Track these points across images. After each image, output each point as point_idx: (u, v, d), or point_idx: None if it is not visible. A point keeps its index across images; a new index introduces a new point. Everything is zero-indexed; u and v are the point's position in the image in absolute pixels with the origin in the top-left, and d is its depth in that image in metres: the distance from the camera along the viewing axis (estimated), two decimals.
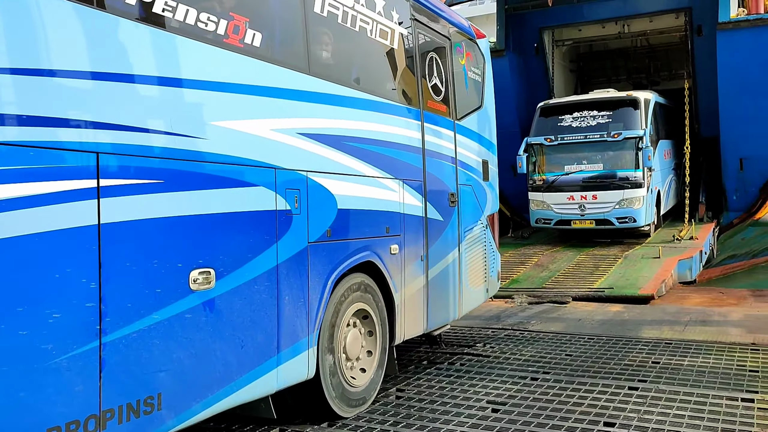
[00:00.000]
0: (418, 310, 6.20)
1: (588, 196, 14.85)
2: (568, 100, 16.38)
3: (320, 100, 4.97)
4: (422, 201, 6.21)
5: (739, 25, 14.37)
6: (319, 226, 4.85)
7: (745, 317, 8.75)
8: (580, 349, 7.41)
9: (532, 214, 15.80)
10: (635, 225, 14.67)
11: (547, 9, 16.40)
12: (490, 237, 7.91)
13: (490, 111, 8.17)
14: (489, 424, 5.11)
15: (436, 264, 6.51)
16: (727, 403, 5.38)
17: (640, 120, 14.69)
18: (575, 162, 15.17)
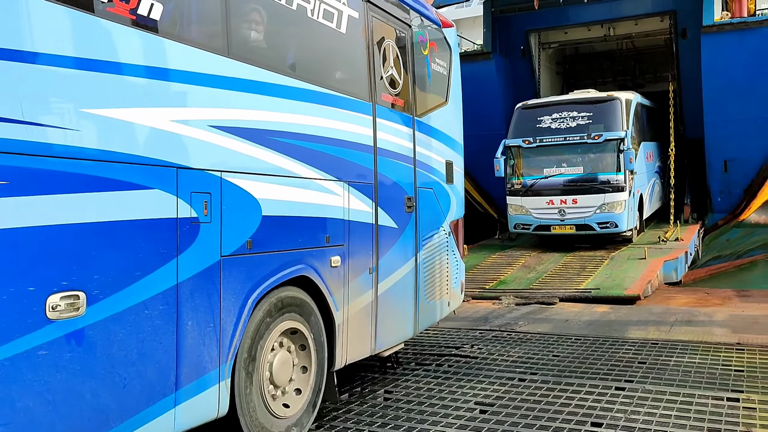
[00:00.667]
0: (364, 330, 5.54)
1: (568, 201, 14.35)
2: (547, 100, 15.88)
3: (243, 87, 4.20)
4: (372, 206, 5.56)
5: (723, 29, 14.52)
6: (237, 237, 4.09)
7: (730, 317, 8.82)
8: (568, 349, 7.43)
9: (510, 220, 15.30)
10: (617, 230, 14.20)
11: (533, 12, 16.48)
12: (454, 245, 7.34)
13: (457, 108, 7.57)
14: (477, 425, 5.11)
15: (388, 276, 5.84)
16: (713, 403, 5.42)
17: (621, 121, 14.29)
18: (555, 165, 14.68)
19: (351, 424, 5.22)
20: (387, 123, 5.89)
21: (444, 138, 7.14)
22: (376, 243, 5.66)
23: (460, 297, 7.68)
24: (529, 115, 15.19)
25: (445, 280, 7.09)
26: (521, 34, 18.04)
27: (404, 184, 6.17)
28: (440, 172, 6.99)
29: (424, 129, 6.59)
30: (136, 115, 3.46)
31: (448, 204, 7.20)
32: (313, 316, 4.94)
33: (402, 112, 6.19)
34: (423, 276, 6.51)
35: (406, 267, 6.18)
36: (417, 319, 6.41)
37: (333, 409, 5.62)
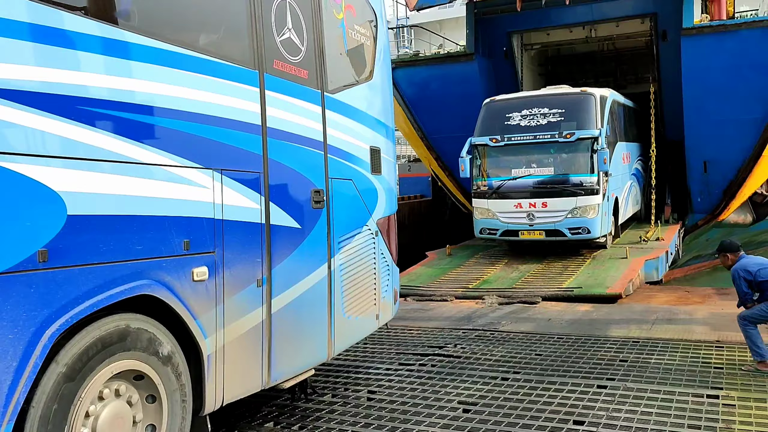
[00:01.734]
0: (252, 358, 4.49)
1: (537, 204, 13.25)
2: (516, 95, 14.81)
3: (33, 36, 3.08)
4: (261, 201, 4.55)
5: (702, 31, 14.68)
6: (19, 246, 2.97)
7: (709, 315, 8.92)
8: (550, 348, 7.47)
9: (476, 224, 14.16)
10: (589, 236, 13.14)
11: (516, 13, 16.55)
12: (384, 247, 6.41)
13: (385, 86, 6.66)
14: (460, 424, 5.12)
15: (289, 289, 4.84)
16: (693, 400, 5.47)
17: (595, 118, 13.24)
18: (523, 165, 13.57)
19: (334, 425, 5.21)
20: (283, 98, 4.85)
21: (367, 120, 6.15)
22: (268, 248, 4.60)
23: (394, 308, 6.73)
24: (498, 112, 14.12)
25: (371, 290, 6.10)
26: (504, 35, 18.11)
27: (310, 174, 5.18)
28: (363, 161, 6.01)
29: (338, 108, 5.61)
30: None
31: (374, 198, 6.23)
32: (166, 350, 3.77)
33: (306, 85, 5.15)
34: (340, 286, 5.53)
35: (315, 276, 5.18)
36: (332, 339, 5.42)
37: (316, 409, 5.61)
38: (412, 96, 18.03)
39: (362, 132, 6.06)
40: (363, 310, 6.00)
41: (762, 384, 5.85)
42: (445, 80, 17.19)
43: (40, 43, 3.12)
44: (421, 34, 21.34)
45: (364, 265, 6.01)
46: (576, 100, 13.75)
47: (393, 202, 6.71)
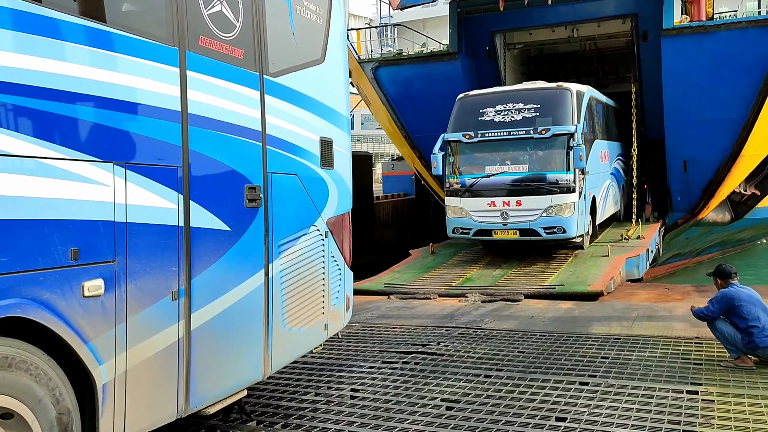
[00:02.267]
0: (163, 384, 3.88)
1: (511, 202, 12.75)
2: (491, 91, 14.31)
3: None
4: (179, 200, 3.92)
5: (682, 32, 14.86)
6: None
7: (689, 312, 8.91)
8: (533, 345, 7.51)
9: (448, 223, 13.65)
10: (565, 236, 12.69)
11: (498, 13, 16.63)
12: (335, 249, 5.83)
13: (340, 71, 6.06)
14: (443, 421, 5.13)
15: (213, 301, 4.25)
16: (673, 396, 5.53)
17: (571, 114, 12.81)
18: (497, 162, 13.09)
19: (317, 423, 5.20)
20: (210, 80, 4.24)
21: (317, 108, 5.57)
22: (187, 254, 3.99)
23: (346, 316, 6.18)
24: (471, 107, 13.66)
25: (318, 297, 5.56)
26: (487, 34, 18.19)
27: (244, 168, 4.59)
28: (311, 153, 5.43)
29: (282, 93, 5.03)
30: None
31: (325, 195, 5.68)
32: (47, 383, 3.16)
33: (241, 67, 4.57)
34: (280, 295, 4.97)
35: (248, 285, 4.60)
36: (269, 354, 4.86)
37: (299, 408, 5.59)
38: (395, 95, 18.05)
39: (311, 121, 5.45)
40: (308, 321, 5.39)
41: (740, 379, 5.94)
42: (428, 79, 17.23)
43: None
44: (404, 33, 21.35)
45: (310, 270, 5.42)
46: (552, 94, 13.38)
47: (347, 199, 6.13)
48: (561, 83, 13.74)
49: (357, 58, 18.67)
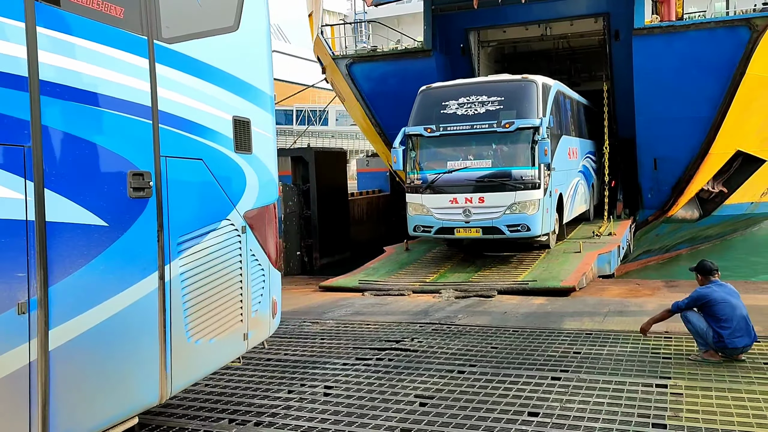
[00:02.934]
0: (4, 422, 3.21)
1: (474, 199, 12.25)
2: (454, 83, 13.73)
3: None
4: (27, 187, 3.25)
5: (652, 32, 15.06)
6: None
7: (659, 307, 9.08)
8: (506, 341, 7.56)
9: (409, 221, 13.03)
10: (529, 234, 12.23)
11: (473, 10, 16.66)
12: (256, 246, 5.19)
13: (259, 41, 5.40)
14: (417, 417, 5.13)
15: (83, 313, 3.56)
16: (643, 389, 5.61)
17: (536, 107, 12.32)
18: (460, 157, 12.57)
19: (291, 421, 5.16)
20: (75, 42, 3.57)
21: (230, 82, 4.93)
22: (41, 256, 3.30)
23: (272, 323, 5.56)
24: (434, 100, 13.11)
25: (235, 303, 4.92)
26: (461, 32, 18.23)
27: (127, 150, 3.90)
28: (221, 135, 4.79)
29: (180, 63, 4.36)
30: None
31: (241, 184, 5.03)
32: None
33: (120, 27, 3.89)
34: (182, 302, 4.28)
35: (135, 291, 3.91)
36: (168, 373, 4.15)
37: (272, 406, 5.55)
38: (369, 91, 18.01)
39: (221, 98, 4.80)
40: (221, 331, 4.75)
41: (708, 373, 6.04)
42: (402, 76, 17.20)
43: None
44: (378, 30, 21.30)
45: (222, 272, 4.75)
46: (516, 87, 12.87)
47: (271, 188, 5.44)
48: (526, 75, 13.19)
49: (331, 54, 18.58)
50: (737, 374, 5.97)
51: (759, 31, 14.11)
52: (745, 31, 14.30)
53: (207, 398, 5.85)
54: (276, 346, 7.81)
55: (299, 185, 17.49)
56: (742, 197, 17.89)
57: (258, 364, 6.99)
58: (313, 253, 17.45)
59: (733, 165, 16.74)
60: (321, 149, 21.14)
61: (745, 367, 6.18)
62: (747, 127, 15.73)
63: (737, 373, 6.02)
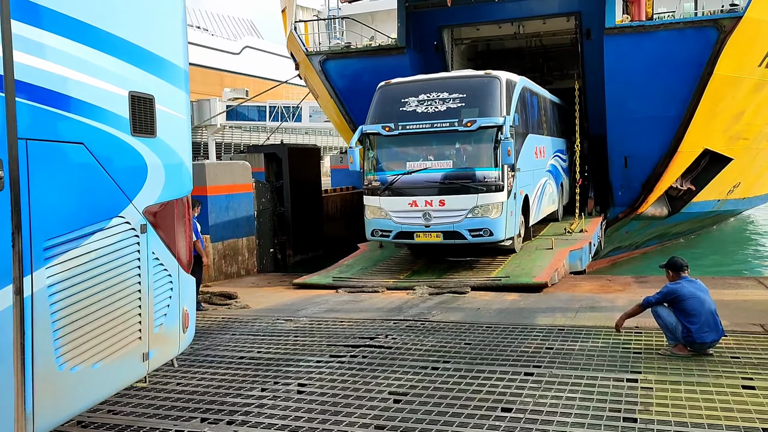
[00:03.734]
0: None
1: (434, 202, 11.58)
2: (414, 79, 13.10)
3: None
4: None
5: (623, 31, 15.26)
6: None
7: (629, 303, 9.20)
8: (479, 337, 7.59)
9: (367, 225, 12.41)
10: (492, 239, 11.62)
11: (446, 8, 16.70)
12: (161, 249, 4.49)
13: (167, 4, 4.75)
14: (391, 414, 5.12)
15: None
16: (614, 384, 5.68)
17: (500, 105, 11.70)
18: (420, 158, 11.96)
19: (264, 419, 5.12)
20: None
21: (126, 50, 4.15)
22: None
23: (184, 337, 4.89)
24: (393, 96, 12.43)
25: (129, 319, 4.19)
26: (434, 29, 18.26)
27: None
28: (112, 113, 4.04)
29: (50, 22, 3.61)
30: None
31: (140, 173, 4.29)
32: None
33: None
34: (50, 321, 3.55)
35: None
36: (30, 410, 3.42)
37: (245, 404, 5.49)
38: (343, 88, 17.95)
39: (111, 68, 4.02)
40: (111, 353, 4.01)
41: (677, 367, 6.14)
42: (376, 73, 17.14)
43: None
44: (352, 26, 21.24)
45: (112, 281, 4.02)
46: (479, 83, 12.25)
47: (182, 179, 4.74)
48: (490, 71, 12.62)
49: (305, 50, 18.48)
50: (705, 368, 6.08)
51: (726, 31, 14.39)
52: (713, 32, 14.57)
53: (178, 397, 5.77)
54: (249, 344, 7.74)
55: (272, 182, 17.35)
56: (709, 195, 18.25)
57: (231, 362, 6.92)
58: (287, 250, 17.34)
59: (700, 163, 17.06)
60: (294, 146, 20.97)
61: (713, 361, 6.29)
62: (714, 125, 16.05)
63: (705, 367, 6.13)
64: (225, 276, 14.13)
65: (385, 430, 4.84)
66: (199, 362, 6.98)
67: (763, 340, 7.02)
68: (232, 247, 14.49)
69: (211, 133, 46.55)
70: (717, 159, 17.11)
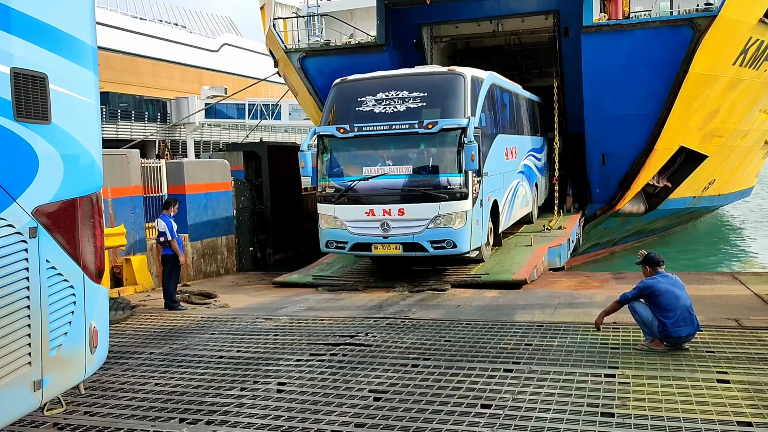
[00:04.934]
0: None
1: (392, 211, 10.64)
2: (372, 75, 11.98)
3: None
4: None
5: (600, 30, 15.39)
6: None
7: (607, 299, 9.32)
8: (459, 334, 7.62)
9: (321, 236, 11.47)
10: (456, 251, 10.74)
11: (425, 5, 16.71)
12: (59, 256, 3.90)
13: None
14: (371, 412, 5.12)
15: None
16: (592, 379, 5.74)
17: (464, 105, 10.77)
18: (377, 162, 10.97)
19: (243, 419, 5.09)
20: None
21: (5, 17, 3.58)
22: None
23: (91, 359, 4.25)
24: (349, 95, 11.52)
25: (12, 342, 3.59)
26: (414, 27, 18.27)
27: None
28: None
29: None
30: None
31: (28, 166, 3.72)
32: None
33: None
34: None
35: None
36: None
37: (224, 404, 5.46)
38: (322, 85, 17.84)
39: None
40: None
41: (653, 362, 6.21)
42: (355, 70, 16.99)
43: None
44: (331, 24, 21.15)
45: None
46: (441, 81, 11.26)
47: (87, 174, 4.14)
48: (454, 67, 11.66)
49: (284, 47, 18.37)
50: (681, 363, 6.17)
51: (701, 30, 14.57)
52: (688, 31, 14.75)
53: (156, 398, 5.72)
54: (228, 343, 7.69)
55: (252, 180, 17.24)
56: (685, 192, 18.50)
57: (210, 362, 6.87)
58: (267, 248, 17.25)
59: (676, 160, 17.27)
60: (274, 144, 20.86)
61: (688, 356, 6.38)
62: (690, 123, 16.26)
63: (681, 361, 6.21)
64: (204, 275, 14.02)
65: (365, 428, 4.84)
66: (177, 362, 6.93)
67: (737, 334, 7.14)
68: (211, 246, 14.39)
69: (190, 131, 46.10)
70: (692, 156, 17.35)
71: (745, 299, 9.01)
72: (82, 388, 4.66)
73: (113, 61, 42.10)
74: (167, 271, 10.16)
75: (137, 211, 12.81)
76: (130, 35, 46.39)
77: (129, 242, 12.13)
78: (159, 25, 52.07)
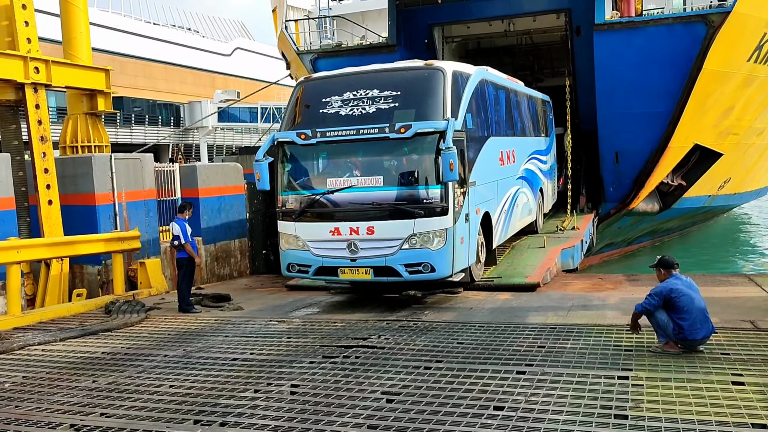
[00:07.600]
0: None
1: (361, 229, 9.10)
2: (339, 72, 10.39)
3: None
4: None
5: (613, 27, 15.33)
6: None
7: (621, 300, 9.32)
8: (472, 336, 7.61)
9: (282, 258, 9.98)
10: (434, 276, 9.10)
11: (436, 5, 16.75)
12: None
13: None
14: (384, 414, 5.13)
15: None
16: (605, 381, 5.71)
17: (442, 105, 9.19)
18: (343, 173, 9.47)
19: (257, 420, 5.12)
20: None
21: None
22: None
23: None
24: (313, 95, 9.92)
25: None
26: (425, 27, 18.29)
27: None
28: None
29: None
30: None
31: None
32: None
33: None
34: None
35: None
36: None
37: (238, 405, 5.50)
38: None
39: None
40: None
41: (667, 364, 6.17)
42: None
43: None
44: (343, 25, 21.25)
45: None
46: (417, 77, 9.65)
47: None
48: (432, 61, 10.32)
49: (296, 49, 18.48)
50: (696, 365, 6.12)
51: (715, 27, 14.46)
52: (702, 27, 14.65)
53: (171, 399, 5.77)
54: (242, 345, 7.74)
55: None
56: (700, 190, 18.35)
57: (224, 364, 6.92)
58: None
59: (691, 158, 17.14)
60: None
61: (703, 358, 6.33)
62: (704, 121, 16.13)
63: (696, 363, 6.16)
64: (218, 278, 14.11)
65: (378, 429, 4.85)
66: (192, 364, 6.98)
67: (752, 336, 7.07)
68: (224, 249, 14.47)
69: (203, 135, 46.48)
70: (707, 154, 17.21)
71: (760, 301, 8.93)
72: None
73: (127, 66, 42.51)
74: (181, 275, 10.24)
75: (151, 214, 12.94)
76: (144, 40, 46.79)
77: (143, 246, 12.23)
78: (172, 30, 52.45)
